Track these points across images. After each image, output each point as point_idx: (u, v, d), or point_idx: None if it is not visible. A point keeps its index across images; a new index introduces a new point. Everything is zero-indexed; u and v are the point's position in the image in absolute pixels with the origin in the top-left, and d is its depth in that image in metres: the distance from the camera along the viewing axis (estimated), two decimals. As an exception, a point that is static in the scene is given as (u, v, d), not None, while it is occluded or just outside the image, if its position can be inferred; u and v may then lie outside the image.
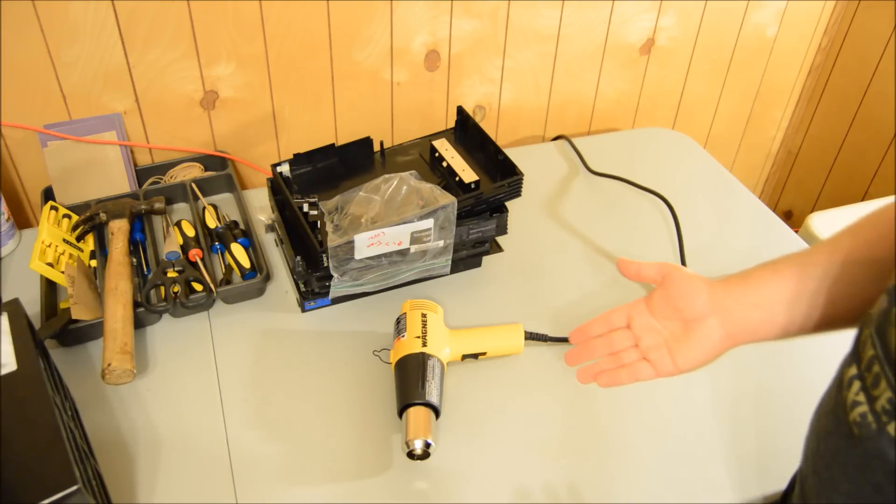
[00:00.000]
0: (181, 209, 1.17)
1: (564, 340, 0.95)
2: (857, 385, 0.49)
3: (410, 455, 0.78)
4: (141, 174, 1.19)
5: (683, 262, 1.12)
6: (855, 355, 0.50)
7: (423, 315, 0.90)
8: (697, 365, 0.65)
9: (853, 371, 0.50)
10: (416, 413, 0.80)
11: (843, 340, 0.52)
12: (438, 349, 0.86)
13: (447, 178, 1.06)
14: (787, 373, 0.94)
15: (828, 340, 0.61)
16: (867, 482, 0.46)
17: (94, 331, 0.93)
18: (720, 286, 0.65)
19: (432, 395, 0.81)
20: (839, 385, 0.51)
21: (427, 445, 0.77)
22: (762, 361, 0.96)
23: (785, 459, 0.83)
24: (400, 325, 0.90)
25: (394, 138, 1.35)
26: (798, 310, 0.62)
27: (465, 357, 0.90)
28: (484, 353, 0.90)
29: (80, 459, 0.64)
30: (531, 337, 0.94)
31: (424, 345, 0.86)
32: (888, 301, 0.46)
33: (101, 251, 1.05)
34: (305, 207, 0.96)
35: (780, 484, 0.76)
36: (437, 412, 0.82)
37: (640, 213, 1.23)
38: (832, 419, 0.52)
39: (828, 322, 0.62)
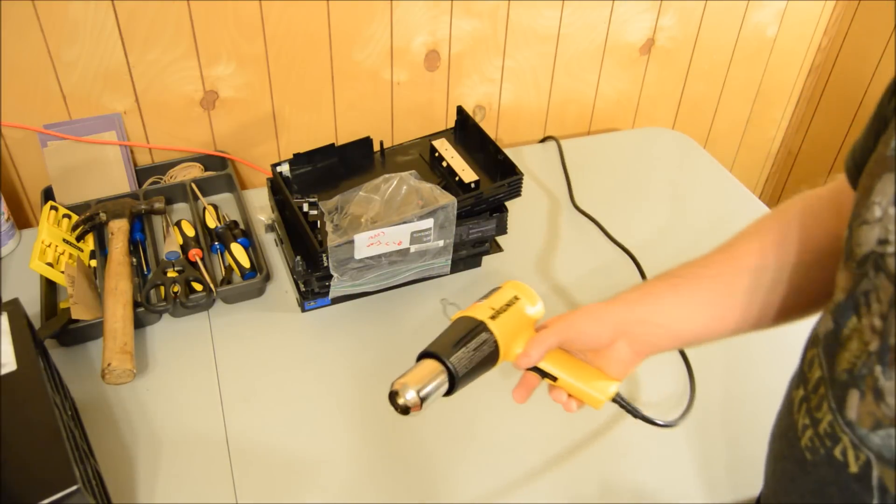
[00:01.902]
0: (181, 209, 1.17)
1: (653, 423, 0.73)
2: (804, 407, 0.48)
3: (392, 397, 0.65)
4: (141, 174, 1.19)
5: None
6: (801, 376, 0.49)
7: (515, 298, 0.72)
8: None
9: (801, 393, 0.49)
10: (428, 367, 0.65)
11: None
12: (506, 336, 0.68)
13: (447, 178, 1.06)
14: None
15: (799, 348, 0.60)
16: None
17: (94, 331, 0.93)
18: (623, 307, 0.66)
19: (459, 360, 0.65)
20: (789, 407, 0.51)
21: (416, 399, 0.63)
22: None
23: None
24: (486, 294, 0.73)
25: (394, 138, 1.35)
26: (697, 323, 0.63)
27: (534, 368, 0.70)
28: (555, 379, 0.69)
29: (80, 459, 0.65)
30: (618, 401, 0.69)
31: (493, 318, 0.69)
32: (833, 321, 0.45)
33: (101, 251, 1.05)
34: (305, 207, 0.97)
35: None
36: (452, 384, 0.66)
37: (639, 212, 1.23)
38: (785, 443, 0.51)
39: (728, 330, 0.63)
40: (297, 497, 0.79)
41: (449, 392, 0.67)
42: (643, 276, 1.08)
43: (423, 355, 0.67)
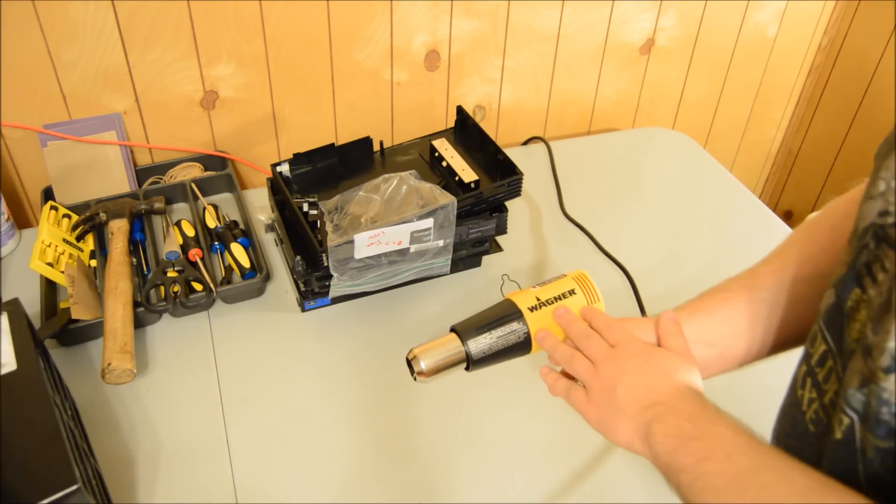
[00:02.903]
0: (181, 209, 1.17)
1: None
2: (809, 382, 0.48)
3: (408, 361, 0.68)
4: (141, 174, 1.19)
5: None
6: (804, 353, 0.50)
7: (571, 292, 0.70)
8: None
9: (804, 369, 0.49)
10: (449, 343, 0.66)
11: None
12: (544, 329, 0.68)
13: (447, 178, 1.06)
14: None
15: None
16: None
17: (94, 330, 0.93)
18: None
19: (478, 344, 0.66)
20: (793, 385, 0.51)
21: (422, 368, 0.66)
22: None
23: None
24: (546, 280, 0.72)
25: (394, 138, 1.35)
26: (752, 338, 0.60)
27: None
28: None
29: (80, 459, 0.65)
30: None
31: (532, 310, 0.68)
32: (836, 294, 0.46)
33: (101, 251, 1.05)
34: (305, 207, 0.97)
35: None
36: (469, 363, 0.67)
37: (638, 212, 1.23)
38: (789, 420, 0.51)
39: (784, 343, 0.60)
40: (297, 497, 0.79)
41: (468, 369, 0.68)
42: (631, 281, 1.07)
43: (454, 329, 0.68)
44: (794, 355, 0.56)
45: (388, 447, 0.84)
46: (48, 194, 1.13)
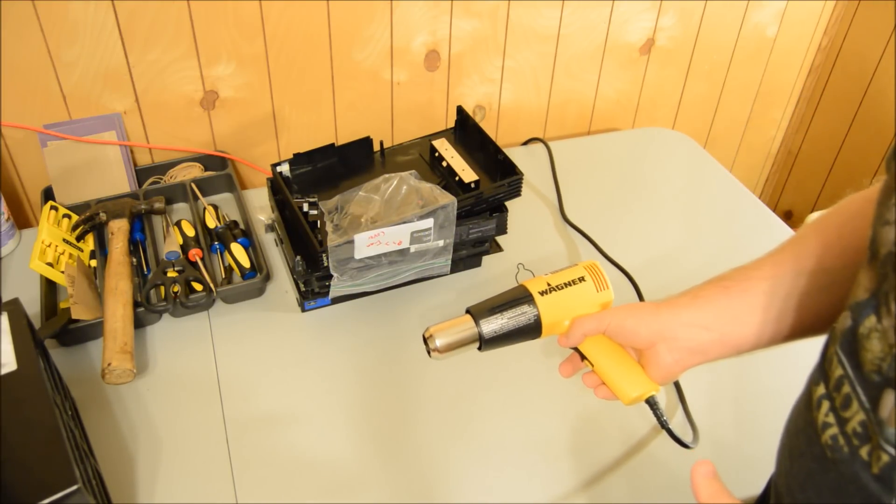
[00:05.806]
0: (181, 209, 1.17)
1: (678, 441, 0.79)
2: (826, 405, 0.47)
3: (424, 339, 0.69)
4: (141, 174, 1.19)
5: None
6: (822, 373, 0.49)
7: (581, 279, 0.73)
8: (660, 382, 0.66)
9: (821, 390, 0.48)
10: (464, 323, 0.69)
11: (815, 347, 0.51)
12: (555, 313, 0.70)
13: (447, 178, 1.06)
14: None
15: (800, 347, 0.60)
16: None
17: (94, 330, 0.93)
18: (668, 310, 0.64)
19: (490, 325, 0.69)
20: (808, 404, 0.50)
21: (436, 345, 0.68)
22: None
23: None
24: (559, 269, 0.74)
25: (394, 138, 1.35)
26: (750, 326, 0.61)
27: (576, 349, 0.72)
28: (592, 366, 0.70)
29: (80, 459, 0.65)
30: (651, 405, 0.70)
31: (543, 294, 0.70)
32: (852, 318, 0.45)
33: (101, 251, 1.05)
34: (305, 207, 0.97)
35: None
36: (481, 342, 0.69)
37: (638, 212, 1.23)
38: (804, 439, 0.50)
39: (782, 335, 0.61)
40: (297, 497, 0.79)
41: (480, 349, 0.70)
42: (632, 282, 1.07)
43: (468, 310, 0.71)
44: (793, 357, 0.56)
45: (388, 447, 0.84)
46: (48, 194, 1.13)
